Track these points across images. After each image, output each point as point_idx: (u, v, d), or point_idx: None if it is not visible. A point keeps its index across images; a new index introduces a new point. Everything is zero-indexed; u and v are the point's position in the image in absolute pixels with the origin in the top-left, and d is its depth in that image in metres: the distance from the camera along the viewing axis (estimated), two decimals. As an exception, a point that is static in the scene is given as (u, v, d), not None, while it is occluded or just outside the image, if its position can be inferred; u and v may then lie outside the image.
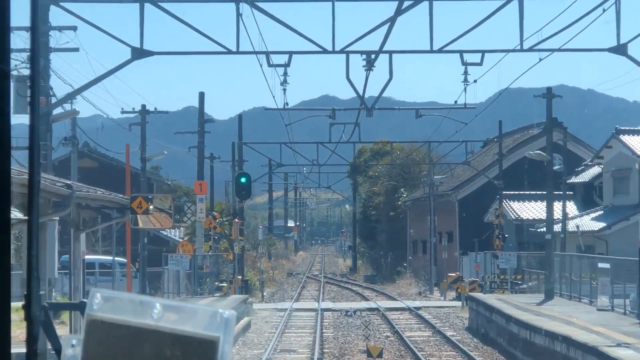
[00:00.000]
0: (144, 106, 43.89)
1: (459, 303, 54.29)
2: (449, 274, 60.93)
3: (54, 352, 2.61)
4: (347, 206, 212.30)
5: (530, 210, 66.11)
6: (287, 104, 31.07)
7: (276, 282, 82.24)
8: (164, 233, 71.89)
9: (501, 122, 62.76)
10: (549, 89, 42.82)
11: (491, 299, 41.53)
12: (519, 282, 50.68)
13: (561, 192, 70.32)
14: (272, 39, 27.64)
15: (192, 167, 70.00)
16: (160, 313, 2.17)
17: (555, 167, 65.21)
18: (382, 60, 28.57)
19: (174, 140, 65.78)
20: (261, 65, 27.91)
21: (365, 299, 61.24)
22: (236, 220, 55.05)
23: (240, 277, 55.89)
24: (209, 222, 56.23)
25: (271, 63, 27.47)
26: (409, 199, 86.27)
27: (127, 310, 2.19)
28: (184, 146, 67.68)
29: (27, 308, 2.43)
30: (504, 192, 62.51)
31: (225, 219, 63.28)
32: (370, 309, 52.20)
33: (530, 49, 27.38)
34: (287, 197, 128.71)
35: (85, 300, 2.28)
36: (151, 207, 24.19)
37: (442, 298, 60.63)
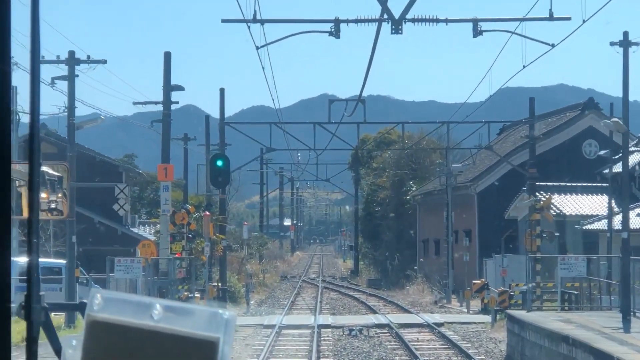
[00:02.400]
0: (72, 53, 32.96)
1: (486, 317, 43.96)
2: (474, 282, 50.37)
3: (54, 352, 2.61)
4: (347, 207, 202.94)
5: (572, 204, 55.70)
6: (260, 18, 20.32)
7: (267, 287, 71.63)
8: (135, 230, 61.48)
9: (533, 99, 52.13)
10: (625, 33, 32.17)
11: (548, 320, 30.81)
12: (573, 293, 40.05)
13: (598, 184, 60.48)
14: None
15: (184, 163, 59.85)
16: (160, 314, 2.15)
17: (601, 153, 54.70)
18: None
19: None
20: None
21: (372, 310, 50.68)
22: (207, 213, 44.24)
23: (215, 284, 45.42)
24: (182, 217, 45.85)
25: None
26: (419, 193, 75.65)
27: (127, 310, 2.17)
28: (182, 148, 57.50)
29: (27, 308, 2.43)
30: (537, 184, 52.17)
31: (203, 214, 52.64)
32: (380, 325, 41.64)
33: None
34: (282, 191, 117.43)
35: (85, 300, 2.24)
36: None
37: (465, 309, 50.19)
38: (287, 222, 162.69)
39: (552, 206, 52.72)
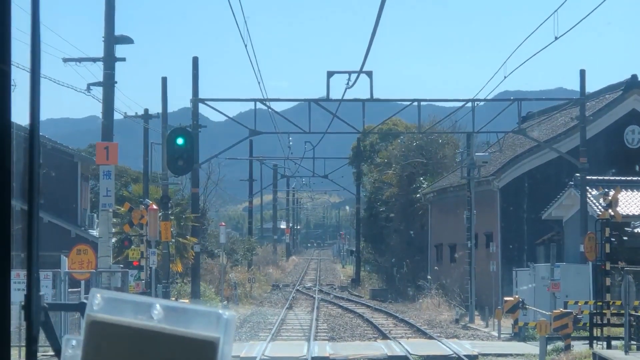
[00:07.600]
0: None
1: (524, 346, 34.32)
2: (505, 298, 40.30)
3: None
4: (347, 207, 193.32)
5: (623, 203, 45.65)
6: None
7: (254, 299, 61.46)
8: (93, 232, 51.42)
9: (584, 71, 42.26)
10: None
11: None
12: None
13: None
14: None
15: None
16: (160, 314, 2.12)
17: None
18: None
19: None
20: None
21: (381, 332, 40.56)
22: (153, 206, 33.91)
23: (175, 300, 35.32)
24: (140, 215, 35.93)
25: None
26: (431, 191, 65.60)
27: (127, 310, 2.14)
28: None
29: (27, 308, 2.37)
30: (581, 177, 42.26)
31: (171, 212, 42.60)
32: (394, 359, 31.55)
33: None
34: (276, 188, 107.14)
35: (85, 300, 2.22)
36: None
37: (495, 332, 40.27)
38: (283, 225, 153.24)
39: (593, 205, 42.60)
